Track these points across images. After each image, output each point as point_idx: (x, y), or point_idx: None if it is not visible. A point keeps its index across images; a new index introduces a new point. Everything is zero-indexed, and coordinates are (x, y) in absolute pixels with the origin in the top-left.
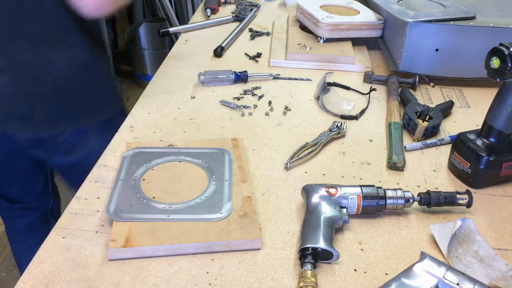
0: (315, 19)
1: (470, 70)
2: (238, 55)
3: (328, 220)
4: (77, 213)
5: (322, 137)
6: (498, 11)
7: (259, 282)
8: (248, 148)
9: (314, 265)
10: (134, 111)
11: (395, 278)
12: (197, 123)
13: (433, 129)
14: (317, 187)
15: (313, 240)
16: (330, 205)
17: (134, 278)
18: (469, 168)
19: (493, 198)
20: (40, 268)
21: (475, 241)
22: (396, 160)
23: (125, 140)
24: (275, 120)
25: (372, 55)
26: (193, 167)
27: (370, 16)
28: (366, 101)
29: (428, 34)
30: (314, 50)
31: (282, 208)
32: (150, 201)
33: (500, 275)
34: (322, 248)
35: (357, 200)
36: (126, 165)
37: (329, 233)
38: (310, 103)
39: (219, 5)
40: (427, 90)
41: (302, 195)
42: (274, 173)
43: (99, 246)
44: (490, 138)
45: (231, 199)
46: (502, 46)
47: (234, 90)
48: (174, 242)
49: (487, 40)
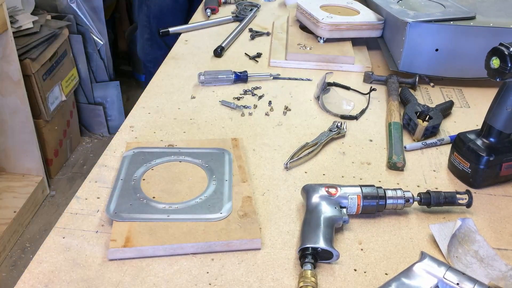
0: (315, 19)
1: (470, 70)
2: (238, 55)
3: (328, 220)
4: (77, 213)
5: (322, 137)
6: (498, 11)
7: (259, 282)
8: (248, 148)
9: (314, 265)
10: (134, 111)
11: (395, 278)
12: (197, 123)
13: (433, 129)
14: (317, 187)
15: (313, 240)
16: (330, 205)
17: (134, 278)
18: (469, 168)
19: (493, 198)
20: (40, 268)
21: (475, 241)
22: (396, 160)
23: (125, 140)
24: (275, 120)
25: (372, 55)
26: (193, 167)
27: (370, 16)
28: (366, 101)
29: (428, 34)
30: (314, 50)
31: (282, 208)
32: (150, 201)
33: (500, 275)
34: (322, 248)
35: (357, 200)
36: (126, 165)
37: (329, 233)
38: (310, 103)
39: (219, 5)
40: (427, 90)
41: (302, 195)
42: (274, 173)
43: (99, 246)
44: (490, 138)
45: (231, 199)
46: (502, 46)
47: (234, 90)
48: (174, 242)
49: (487, 40)
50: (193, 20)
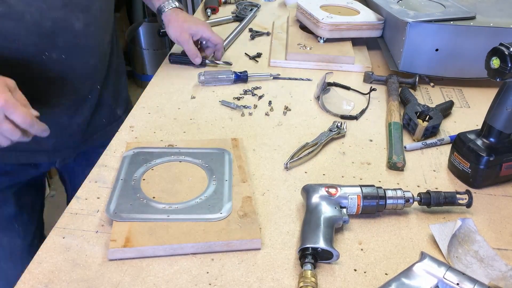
0: (315, 19)
1: (470, 70)
2: (238, 55)
3: (328, 220)
4: (77, 213)
5: (322, 137)
6: (498, 11)
7: (259, 282)
8: (248, 148)
9: (314, 265)
10: (134, 111)
11: (395, 278)
12: (197, 123)
13: (433, 129)
14: (317, 187)
15: (313, 240)
16: (330, 205)
17: (134, 278)
18: (469, 168)
19: (493, 198)
20: (40, 268)
21: (475, 241)
22: (396, 160)
23: (125, 140)
24: (275, 120)
25: (372, 55)
26: (193, 167)
27: (370, 16)
28: (366, 101)
29: (428, 34)
30: (314, 50)
31: (282, 208)
32: (150, 201)
33: (500, 275)
34: (322, 248)
35: (357, 200)
36: (126, 165)
37: (329, 233)
38: (310, 103)
39: (219, 5)
40: (427, 90)
41: (302, 195)
42: (274, 173)
43: (99, 246)
44: (490, 138)
45: (231, 199)
46: (502, 46)
47: (234, 90)
48: (174, 242)
49: (487, 40)
50: None
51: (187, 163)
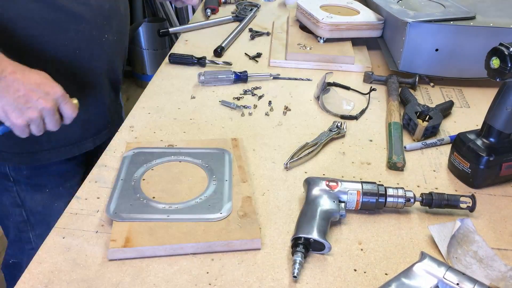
0: (315, 19)
1: (470, 70)
2: (238, 55)
3: (324, 213)
4: (77, 213)
5: (322, 137)
6: (498, 11)
7: (259, 282)
8: (248, 148)
9: (304, 254)
10: (134, 111)
11: (395, 278)
12: (197, 123)
13: (433, 129)
14: (319, 180)
15: (306, 230)
16: (329, 198)
17: (134, 278)
18: (469, 168)
19: (493, 198)
20: (40, 268)
21: (474, 241)
22: (396, 160)
23: (125, 140)
24: (275, 120)
25: (372, 55)
26: (193, 167)
27: (370, 16)
28: (366, 101)
29: (428, 34)
30: (314, 50)
31: (282, 208)
32: (150, 201)
33: (500, 276)
34: (315, 239)
35: (357, 196)
36: (126, 165)
37: (324, 225)
38: (310, 103)
39: (219, 5)
40: (427, 90)
41: (304, 186)
42: (274, 173)
43: (99, 246)
44: (490, 138)
45: (231, 199)
46: (502, 46)
47: (234, 90)
48: (174, 242)
49: (487, 40)
50: (193, 20)
51: (187, 163)
